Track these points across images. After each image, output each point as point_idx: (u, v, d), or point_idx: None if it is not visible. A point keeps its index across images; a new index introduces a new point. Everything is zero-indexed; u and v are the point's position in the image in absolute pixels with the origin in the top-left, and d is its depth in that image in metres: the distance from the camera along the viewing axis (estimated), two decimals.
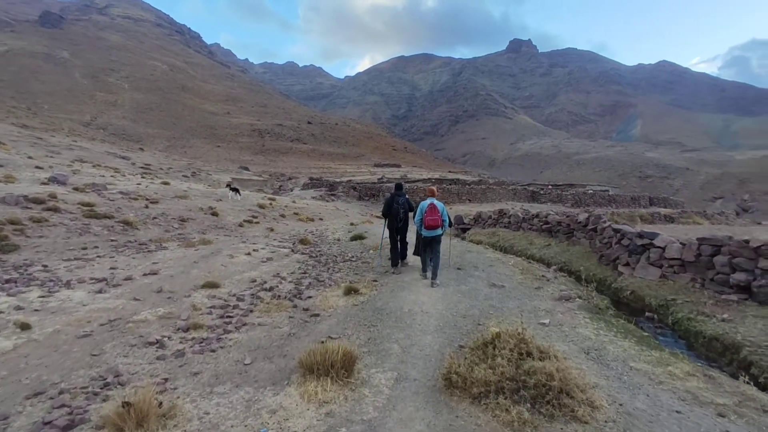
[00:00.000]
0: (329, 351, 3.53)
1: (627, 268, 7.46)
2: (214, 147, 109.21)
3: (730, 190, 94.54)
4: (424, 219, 7.23)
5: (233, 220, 15.89)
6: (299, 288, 7.22)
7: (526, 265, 8.47)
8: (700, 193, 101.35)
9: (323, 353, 3.52)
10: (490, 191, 39.16)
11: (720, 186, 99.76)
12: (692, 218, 34.62)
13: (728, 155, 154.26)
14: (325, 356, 3.48)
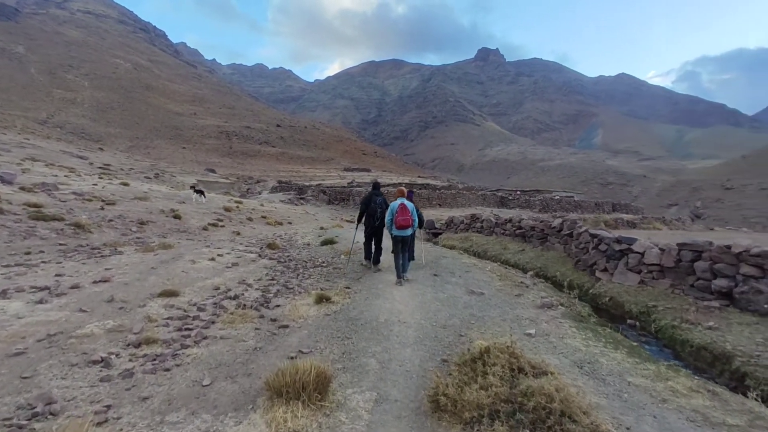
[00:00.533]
0: (300, 371, 3.11)
1: (605, 273, 7.38)
2: (179, 148, 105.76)
3: (684, 198, 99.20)
4: (395, 219, 7.38)
5: (197, 223, 15.09)
6: (266, 296, 6.72)
7: (504, 271, 8.28)
8: (656, 199, 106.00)
9: (293, 374, 3.10)
10: (460, 196, 39.40)
11: (675, 193, 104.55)
12: (652, 224, 35.96)
13: (681, 164, 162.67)
14: (296, 377, 3.07)
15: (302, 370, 3.11)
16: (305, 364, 3.19)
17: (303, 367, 3.14)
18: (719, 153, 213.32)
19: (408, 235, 7.47)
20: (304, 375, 3.07)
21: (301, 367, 3.15)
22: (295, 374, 3.09)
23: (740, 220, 69.73)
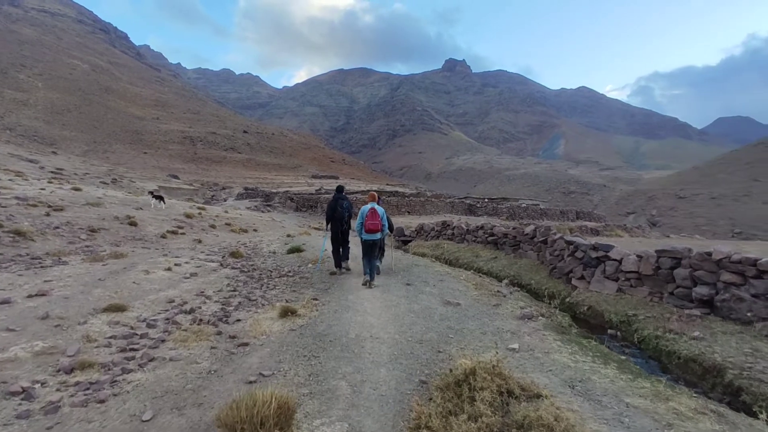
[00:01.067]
0: (258, 403, 2.64)
1: (581, 281, 7.22)
2: (140, 153, 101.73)
3: (641, 206, 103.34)
4: (364, 223, 7.43)
5: (155, 230, 14.17)
6: (226, 309, 6.15)
7: (479, 280, 8.00)
8: (615, 208, 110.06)
9: (250, 406, 2.62)
10: (429, 203, 39.42)
11: (632, 202, 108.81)
12: (614, 231, 37.05)
13: (638, 174, 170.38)
14: (253, 411, 2.59)
15: (261, 402, 2.64)
16: (265, 394, 2.72)
17: (262, 398, 2.67)
18: (672, 164, 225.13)
19: (377, 239, 7.53)
20: (263, 408, 2.61)
21: (260, 397, 2.68)
22: (252, 407, 2.61)
23: (692, 227, 73.11)
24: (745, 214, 73.98)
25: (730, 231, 67.84)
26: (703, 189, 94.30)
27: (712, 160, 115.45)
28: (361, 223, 7.53)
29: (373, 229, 7.40)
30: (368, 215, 7.46)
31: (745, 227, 68.45)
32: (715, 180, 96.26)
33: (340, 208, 8.40)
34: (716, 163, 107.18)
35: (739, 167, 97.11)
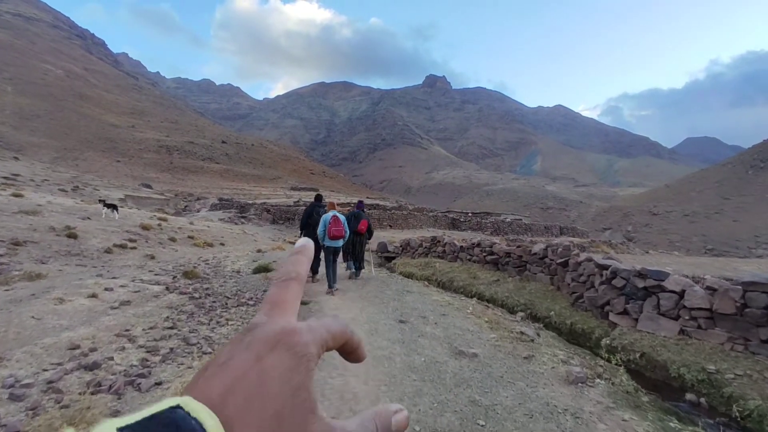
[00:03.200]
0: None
1: (624, 317, 5.70)
2: (113, 161, 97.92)
3: (617, 222, 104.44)
4: (329, 230, 7.52)
5: (99, 244, 12.15)
6: (148, 362, 4.36)
7: (489, 313, 6.40)
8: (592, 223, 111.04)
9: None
10: (411, 217, 37.97)
11: (608, 218, 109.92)
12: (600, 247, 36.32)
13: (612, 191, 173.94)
14: None
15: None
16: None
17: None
18: (644, 181, 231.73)
19: (339, 246, 7.74)
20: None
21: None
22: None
23: (667, 243, 73.96)
24: (716, 231, 75.31)
25: (703, 247, 68.79)
26: (675, 206, 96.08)
27: (683, 179, 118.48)
28: (324, 229, 7.61)
29: (338, 235, 7.53)
30: (331, 222, 7.54)
31: (717, 244, 69.53)
32: (687, 197, 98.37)
33: (316, 215, 8.46)
34: (687, 182, 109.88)
35: (709, 185, 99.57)
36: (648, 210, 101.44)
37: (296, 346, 0.31)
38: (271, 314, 0.34)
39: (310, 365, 0.31)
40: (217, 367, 0.29)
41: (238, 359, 0.29)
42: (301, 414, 0.28)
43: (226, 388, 0.27)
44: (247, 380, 0.28)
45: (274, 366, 0.29)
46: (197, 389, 0.28)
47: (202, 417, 0.24)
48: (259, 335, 0.31)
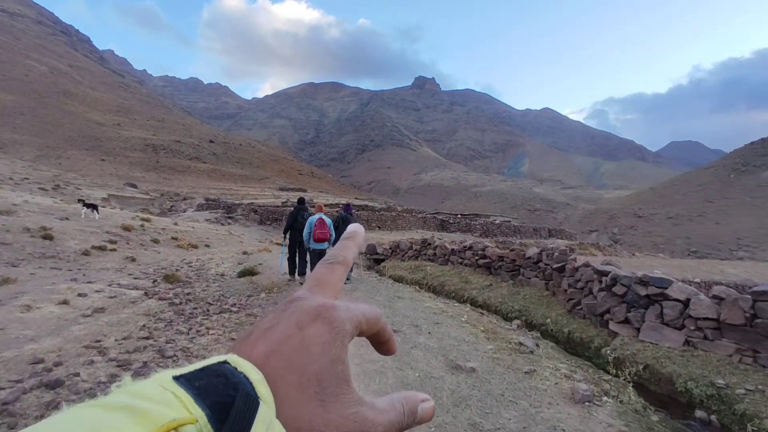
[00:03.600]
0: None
1: (625, 327, 5.47)
2: (97, 160, 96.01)
3: (603, 224, 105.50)
4: (313, 233, 7.58)
5: (77, 245, 11.64)
6: (119, 378, 3.98)
7: (485, 321, 6.13)
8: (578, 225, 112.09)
9: None
10: (400, 218, 37.71)
11: (594, 220, 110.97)
12: (588, 249, 36.49)
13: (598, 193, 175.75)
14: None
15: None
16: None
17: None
18: (629, 184, 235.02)
19: (326, 248, 7.69)
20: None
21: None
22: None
23: (651, 245, 74.95)
24: (699, 234, 76.46)
25: (687, 249, 69.81)
26: (660, 209, 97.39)
27: (667, 182, 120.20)
28: (309, 232, 7.65)
29: (323, 238, 7.56)
30: (317, 225, 7.58)
31: (700, 246, 70.64)
32: (672, 200, 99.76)
33: (300, 218, 8.44)
34: (671, 185, 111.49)
35: (692, 189, 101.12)
36: (633, 212, 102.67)
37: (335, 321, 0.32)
38: (314, 291, 0.36)
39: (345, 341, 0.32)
40: (262, 331, 0.31)
41: (281, 326, 0.31)
42: (338, 382, 0.29)
43: (270, 349, 0.29)
44: (290, 344, 0.30)
45: (315, 335, 0.30)
46: (242, 349, 0.30)
47: (247, 370, 0.26)
48: (301, 307, 0.33)
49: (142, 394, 0.23)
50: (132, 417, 0.21)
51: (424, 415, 0.35)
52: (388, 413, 0.32)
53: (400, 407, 0.33)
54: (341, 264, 0.40)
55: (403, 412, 0.33)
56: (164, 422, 0.21)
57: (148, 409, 0.21)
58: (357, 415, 0.29)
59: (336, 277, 0.38)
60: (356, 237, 0.45)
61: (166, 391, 0.23)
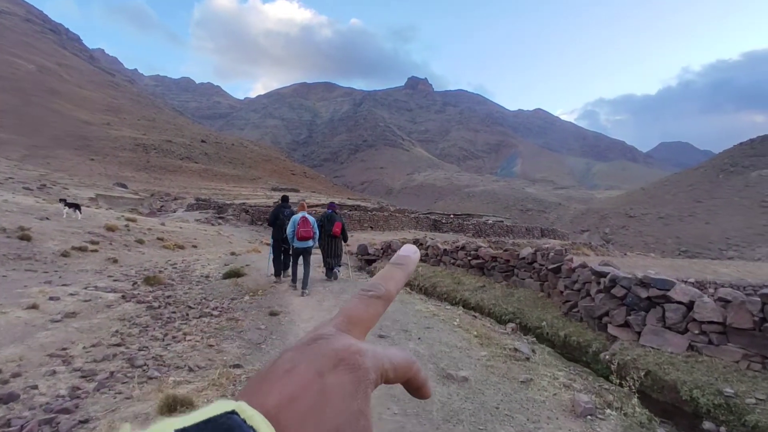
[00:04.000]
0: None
1: (624, 330, 5.19)
2: (86, 160, 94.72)
3: (594, 224, 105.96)
4: (297, 230, 7.60)
5: (56, 246, 11.21)
6: (80, 390, 3.66)
7: (478, 325, 5.84)
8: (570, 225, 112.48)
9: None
10: (393, 219, 37.45)
11: (585, 220, 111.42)
12: (581, 249, 36.46)
13: (590, 193, 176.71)
14: None
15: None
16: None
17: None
18: (620, 184, 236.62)
19: (310, 246, 7.78)
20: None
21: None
22: None
23: (642, 245, 75.39)
24: (689, 233, 77.04)
25: (677, 249, 70.31)
26: (651, 209, 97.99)
27: (657, 182, 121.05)
28: (293, 230, 7.68)
29: (306, 236, 7.61)
30: (300, 223, 7.62)
31: (690, 246, 71.18)
32: (662, 200, 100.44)
33: (282, 216, 8.52)
34: (661, 185, 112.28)
35: (682, 189, 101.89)
36: (624, 212, 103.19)
37: (359, 369, 0.29)
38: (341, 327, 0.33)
39: (368, 391, 0.29)
40: (279, 375, 0.28)
41: (300, 371, 0.28)
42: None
43: (286, 398, 0.26)
44: (308, 394, 0.27)
45: (336, 385, 0.28)
46: (254, 395, 0.27)
47: (257, 424, 0.24)
48: (323, 349, 0.30)
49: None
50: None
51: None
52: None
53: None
54: (381, 299, 0.36)
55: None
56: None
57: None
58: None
59: (371, 314, 0.35)
60: (408, 265, 0.40)
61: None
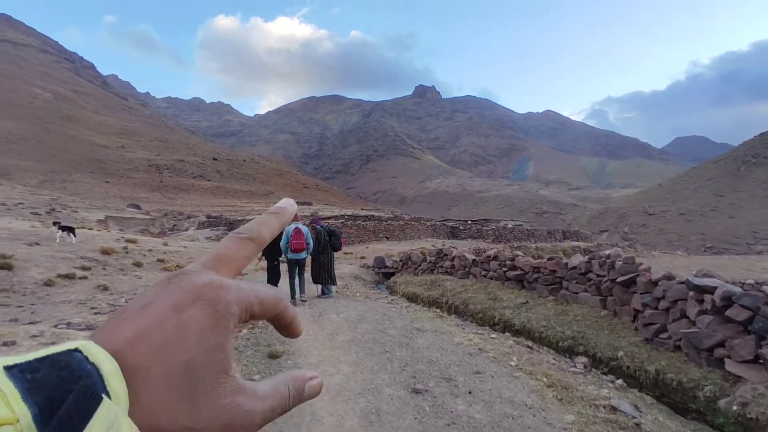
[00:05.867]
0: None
1: (754, 368, 3.78)
2: (101, 183, 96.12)
3: (613, 224, 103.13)
4: (290, 243, 7.54)
5: (39, 275, 10.17)
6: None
7: (540, 363, 4.47)
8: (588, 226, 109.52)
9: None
10: (409, 227, 36.13)
11: (604, 220, 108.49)
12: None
13: (606, 193, 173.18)
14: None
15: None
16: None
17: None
18: (636, 182, 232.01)
19: (303, 258, 7.74)
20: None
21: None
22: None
23: (665, 243, 72.88)
24: (714, 229, 74.38)
25: (702, 246, 67.85)
26: (671, 205, 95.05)
27: (675, 178, 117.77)
28: (286, 243, 7.62)
29: (299, 248, 7.54)
30: (293, 234, 7.54)
31: (716, 241, 68.65)
32: (682, 196, 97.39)
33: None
34: (679, 180, 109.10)
35: (702, 183, 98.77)
36: (644, 210, 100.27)
37: (219, 303, 0.28)
38: (208, 265, 0.32)
39: (229, 325, 0.29)
40: (134, 311, 0.27)
41: (156, 306, 0.27)
42: (214, 372, 0.27)
43: (138, 334, 0.25)
44: (162, 330, 0.26)
45: (192, 320, 0.27)
46: (105, 333, 0.26)
47: (99, 361, 0.23)
48: (184, 284, 0.29)
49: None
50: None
51: (311, 392, 0.34)
52: (269, 399, 0.30)
53: (285, 390, 0.31)
54: (253, 241, 0.36)
55: (288, 395, 0.31)
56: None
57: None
58: (231, 406, 0.27)
59: (242, 254, 0.35)
60: (283, 213, 0.40)
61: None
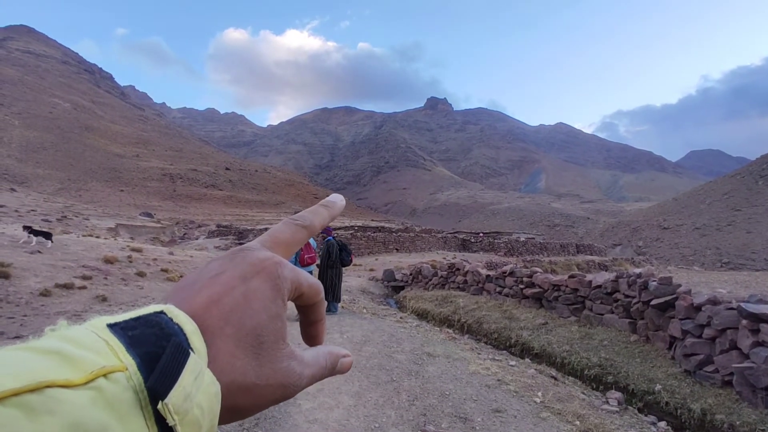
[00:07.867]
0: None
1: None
2: (116, 191, 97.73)
3: (626, 237, 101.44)
4: (301, 256, 7.40)
5: (36, 284, 9.88)
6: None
7: (569, 398, 3.96)
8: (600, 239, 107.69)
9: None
10: (419, 239, 35.60)
11: (616, 233, 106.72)
12: (623, 265, 33.79)
13: (619, 206, 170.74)
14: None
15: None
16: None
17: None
18: (650, 196, 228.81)
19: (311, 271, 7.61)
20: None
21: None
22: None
23: (679, 258, 71.27)
24: (730, 244, 72.45)
25: (718, 261, 66.12)
26: (685, 219, 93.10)
27: (690, 192, 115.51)
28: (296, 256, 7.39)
29: (310, 261, 7.51)
30: (303, 248, 7.35)
31: (732, 257, 66.83)
32: (697, 210, 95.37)
33: None
34: (695, 194, 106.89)
35: (718, 198, 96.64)
36: (657, 224, 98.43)
37: (278, 278, 0.33)
38: (265, 245, 0.36)
39: (285, 298, 0.33)
40: (206, 280, 0.31)
41: (225, 276, 0.31)
42: (275, 338, 0.31)
43: (211, 300, 0.30)
44: (232, 296, 0.30)
45: (257, 290, 0.31)
46: (183, 297, 0.30)
47: (182, 322, 0.27)
48: (248, 258, 0.33)
49: (75, 340, 0.23)
50: (62, 362, 0.20)
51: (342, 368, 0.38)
52: (312, 367, 0.34)
53: (324, 362, 0.36)
54: (306, 229, 0.40)
55: (325, 366, 0.36)
56: (94, 369, 0.21)
57: (79, 356, 0.21)
58: (287, 369, 0.31)
59: (294, 240, 0.39)
60: (332, 206, 0.44)
61: (99, 339, 0.23)
